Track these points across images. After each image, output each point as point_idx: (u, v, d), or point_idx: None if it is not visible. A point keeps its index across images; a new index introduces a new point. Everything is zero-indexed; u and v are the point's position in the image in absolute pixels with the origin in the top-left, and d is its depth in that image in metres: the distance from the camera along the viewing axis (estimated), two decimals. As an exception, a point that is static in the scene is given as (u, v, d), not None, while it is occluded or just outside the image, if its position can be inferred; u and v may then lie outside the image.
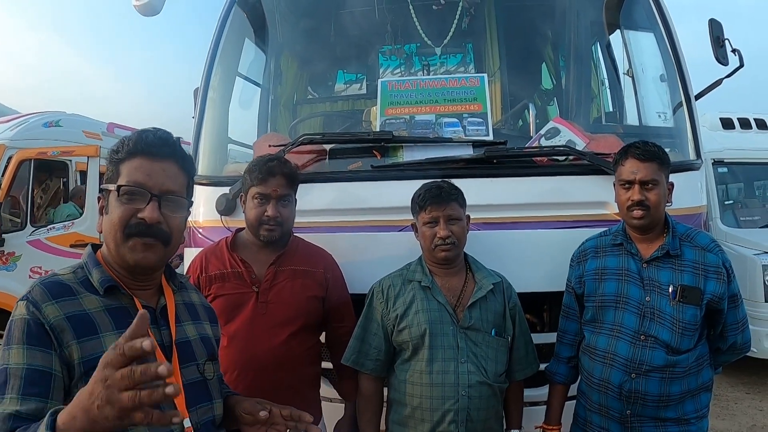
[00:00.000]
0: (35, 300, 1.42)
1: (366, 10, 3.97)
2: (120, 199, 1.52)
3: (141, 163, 1.55)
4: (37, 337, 1.38)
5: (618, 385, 2.38)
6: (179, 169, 1.62)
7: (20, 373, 1.34)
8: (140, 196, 1.53)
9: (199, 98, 3.60)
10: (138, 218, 1.51)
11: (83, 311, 1.46)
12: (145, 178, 1.53)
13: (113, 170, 1.57)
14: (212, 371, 1.73)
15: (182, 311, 1.72)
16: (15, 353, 1.36)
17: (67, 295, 1.47)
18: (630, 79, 4.03)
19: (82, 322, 1.44)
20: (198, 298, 1.87)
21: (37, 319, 1.39)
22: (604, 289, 2.50)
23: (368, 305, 2.62)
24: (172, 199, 1.58)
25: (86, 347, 1.42)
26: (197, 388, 1.65)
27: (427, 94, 3.36)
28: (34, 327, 1.39)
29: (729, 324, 2.41)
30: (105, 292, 1.53)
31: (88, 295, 1.50)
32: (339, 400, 2.86)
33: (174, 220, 1.59)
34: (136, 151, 1.56)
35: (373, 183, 3.08)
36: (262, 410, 1.66)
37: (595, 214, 2.94)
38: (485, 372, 2.43)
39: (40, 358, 1.36)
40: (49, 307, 1.41)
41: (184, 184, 1.64)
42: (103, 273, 1.55)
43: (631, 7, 3.74)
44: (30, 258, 7.43)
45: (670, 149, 3.01)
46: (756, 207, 8.24)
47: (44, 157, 7.87)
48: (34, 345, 1.37)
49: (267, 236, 2.54)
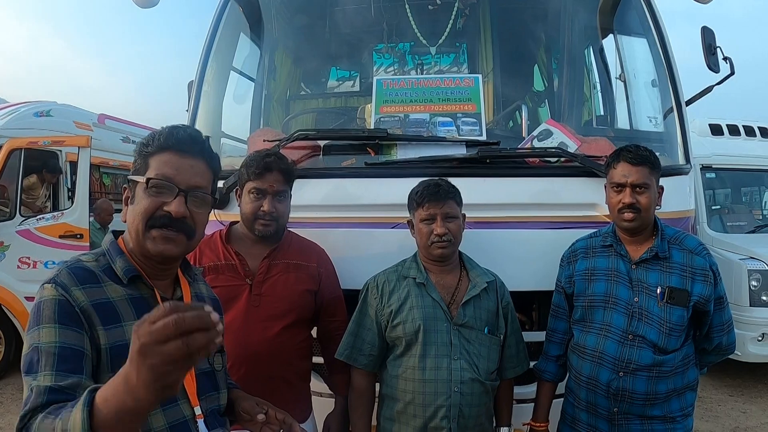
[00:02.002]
0: (64, 283, 1.43)
1: (361, 7, 3.99)
2: (148, 191, 1.56)
3: (170, 158, 1.59)
4: (68, 317, 1.39)
5: (606, 383, 2.41)
6: (206, 167, 1.66)
7: (53, 350, 1.34)
8: (168, 189, 1.56)
9: (193, 92, 3.60)
10: (164, 211, 1.55)
11: (108, 299, 1.49)
12: (174, 172, 1.57)
13: (142, 163, 1.61)
14: (220, 363, 1.79)
15: (194, 303, 1.73)
16: (46, 332, 1.37)
17: (93, 282, 1.49)
18: (622, 83, 4.06)
19: (107, 310, 1.47)
20: (206, 289, 1.90)
21: (66, 300, 1.41)
22: (593, 289, 2.53)
23: (362, 300, 2.63)
24: (199, 195, 1.61)
25: (111, 335, 1.44)
26: (207, 378, 1.70)
27: (422, 93, 3.38)
28: (65, 307, 1.40)
29: (715, 325, 2.45)
30: (128, 282, 1.56)
31: (111, 284, 1.53)
32: (329, 394, 2.87)
33: (199, 215, 1.63)
34: (166, 146, 1.59)
35: (367, 180, 3.10)
36: (260, 413, 1.74)
37: (586, 215, 2.97)
38: (477, 369, 2.45)
39: (73, 337, 1.38)
40: (76, 291, 1.43)
41: (210, 181, 1.68)
42: (126, 262, 1.58)
43: (625, 12, 3.77)
44: (19, 248, 7.35)
45: (660, 153, 3.04)
46: (743, 212, 8.33)
47: (35, 147, 7.80)
48: (66, 324, 1.38)
49: (262, 231, 2.55)
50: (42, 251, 7.38)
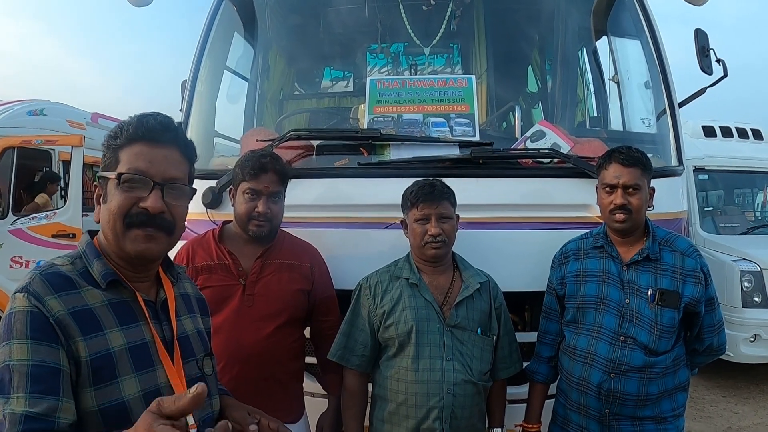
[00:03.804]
0: (37, 292, 1.32)
1: (355, 8, 3.99)
2: (120, 187, 1.45)
3: (142, 149, 1.47)
4: (41, 331, 1.29)
5: (597, 385, 2.42)
6: (181, 156, 1.55)
7: (25, 369, 1.24)
8: (142, 184, 1.45)
9: (186, 91, 3.59)
10: (140, 207, 1.45)
11: (86, 306, 1.39)
12: (147, 165, 1.46)
13: (111, 157, 1.49)
14: (210, 366, 1.69)
15: (180, 304, 1.67)
16: (18, 348, 1.26)
17: (69, 289, 1.38)
18: (615, 85, 4.08)
19: (86, 319, 1.37)
20: (191, 288, 1.81)
21: (40, 311, 1.30)
22: (585, 290, 2.54)
23: (355, 301, 2.62)
24: (176, 187, 1.51)
25: (92, 345, 1.35)
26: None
27: (416, 93, 3.38)
28: (38, 320, 1.29)
29: (705, 326, 2.46)
30: (107, 287, 1.45)
31: (90, 289, 1.42)
32: (322, 394, 2.88)
33: (177, 209, 1.52)
34: (136, 137, 1.48)
35: (360, 180, 3.10)
36: (252, 423, 1.61)
37: (578, 216, 2.97)
38: (470, 370, 2.45)
39: (47, 353, 1.28)
40: (51, 300, 1.33)
41: (186, 171, 1.57)
42: (104, 266, 1.47)
43: (618, 13, 3.77)
44: (11, 247, 7.34)
45: (652, 155, 3.06)
46: (735, 214, 8.35)
47: (28, 146, 7.79)
48: (38, 339, 1.28)
49: (256, 232, 2.55)
50: (34, 251, 7.36)
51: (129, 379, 1.40)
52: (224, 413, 1.71)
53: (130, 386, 1.39)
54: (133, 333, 1.45)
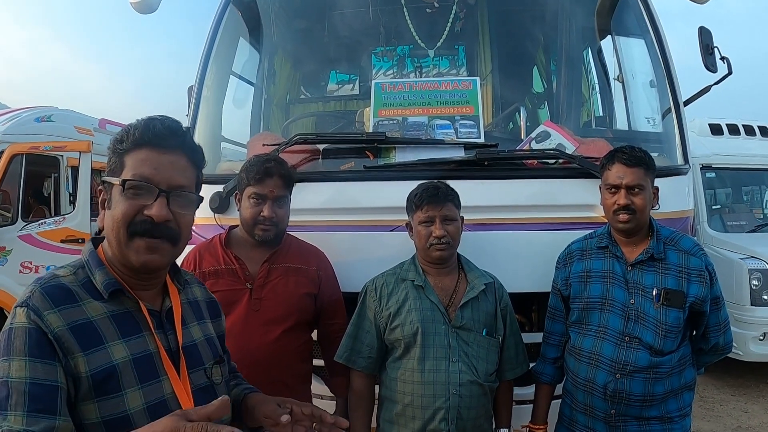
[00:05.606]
0: (36, 307, 1.31)
1: (360, 11, 4.00)
2: (125, 194, 1.41)
3: (148, 155, 1.43)
4: (39, 348, 1.27)
5: (603, 385, 2.42)
6: (188, 162, 1.51)
7: (23, 387, 1.23)
8: (147, 191, 1.42)
9: (193, 96, 3.61)
10: (144, 215, 1.41)
11: (87, 320, 1.36)
12: (153, 172, 1.42)
13: (117, 161, 1.45)
14: (219, 374, 1.65)
15: (187, 312, 1.63)
16: (17, 366, 1.25)
17: (70, 302, 1.36)
18: (620, 84, 4.07)
19: (87, 333, 1.34)
20: (201, 292, 1.78)
21: (39, 328, 1.29)
22: (589, 291, 2.54)
23: (361, 303, 2.64)
24: (182, 195, 1.47)
25: (93, 359, 1.33)
26: (205, 395, 1.54)
27: (420, 96, 3.39)
28: (36, 337, 1.28)
29: (711, 325, 2.46)
30: (109, 296, 1.42)
31: (91, 301, 1.39)
32: (329, 397, 2.89)
33: (183, 217, 1.48)
34: (142, 142, 1.44)
35: (366, 183, 3.11)
36: (284, 414, 1.57)
37: (584, 216, 2.97)
38: (476, 371, 2.46)
39: (45, 371, 1.26)
40: (51, 315, 1.31)
41: (193, 178, 1.53)
42: (107, 275, 1.44)
43: (622, 12, 3.77)
44: (21, 252, 7.39)
45: (658, 154, 3.06)
46: (743, 212, 8.30)
47: (36, 152, 7.84)
48: (36, 357, 1.27)
49: (262, 236, 2.57)
50: (44, 256, 7.42)
51: (133, 391, 1.38)
52: (254, 412, 1.69)
53: (135, 398, 1.38)
54: (137, 344, 1.43)
